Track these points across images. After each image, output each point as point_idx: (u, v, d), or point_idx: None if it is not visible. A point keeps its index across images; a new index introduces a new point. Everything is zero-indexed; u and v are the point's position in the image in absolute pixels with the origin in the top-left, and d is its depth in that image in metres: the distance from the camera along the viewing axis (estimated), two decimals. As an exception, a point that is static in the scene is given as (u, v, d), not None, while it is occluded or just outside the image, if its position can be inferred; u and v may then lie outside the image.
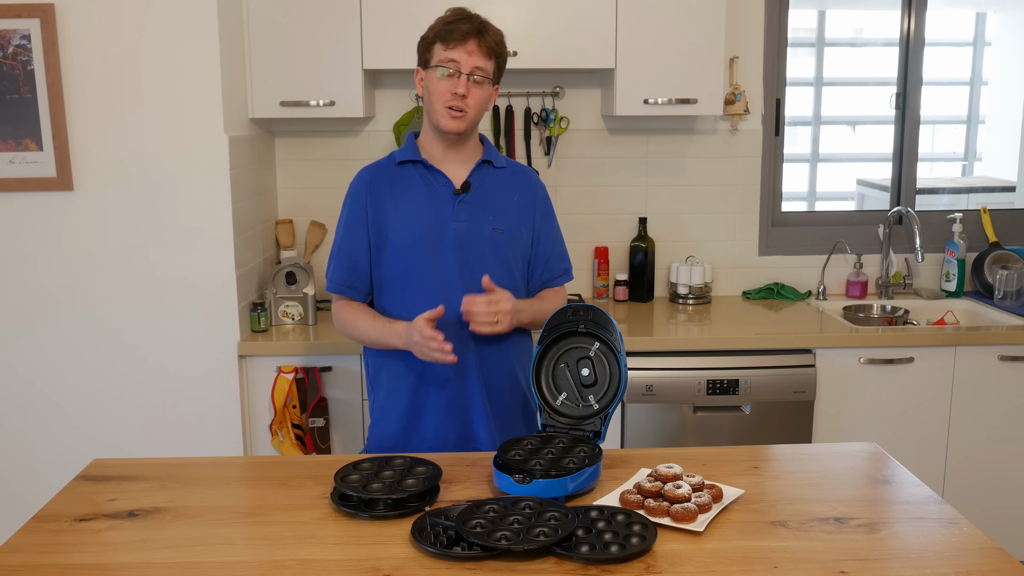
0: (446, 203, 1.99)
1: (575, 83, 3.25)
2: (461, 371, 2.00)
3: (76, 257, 2.66)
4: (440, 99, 1.93)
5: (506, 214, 2.03)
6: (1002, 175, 3.92)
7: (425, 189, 2.00)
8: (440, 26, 1.94)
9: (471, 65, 1.91)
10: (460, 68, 1.91)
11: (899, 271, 3.40)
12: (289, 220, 3.20)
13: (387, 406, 2.06)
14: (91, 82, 2.58)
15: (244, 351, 2.72)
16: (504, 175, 2.07)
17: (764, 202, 3.37)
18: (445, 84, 1.92)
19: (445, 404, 2.01)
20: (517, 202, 2.06)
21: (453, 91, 1.91)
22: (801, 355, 2.81)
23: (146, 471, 1.75)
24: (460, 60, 1.91)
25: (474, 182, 2.02)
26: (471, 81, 1.92)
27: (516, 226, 2.04)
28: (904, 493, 1.64)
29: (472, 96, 1.93)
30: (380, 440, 2.06)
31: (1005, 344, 2.85)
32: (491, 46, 1.93)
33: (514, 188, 2.07)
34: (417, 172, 2.02)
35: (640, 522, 1.47)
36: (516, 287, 2.05)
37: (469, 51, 1.91)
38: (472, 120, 1.96)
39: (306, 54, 2.84)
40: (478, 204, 2.01)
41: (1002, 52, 3.97)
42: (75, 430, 2.74)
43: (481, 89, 1.94)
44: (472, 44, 1.91)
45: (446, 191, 2.00)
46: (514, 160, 2.29)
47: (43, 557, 1.42)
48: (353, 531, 1.50)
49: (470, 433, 2.03)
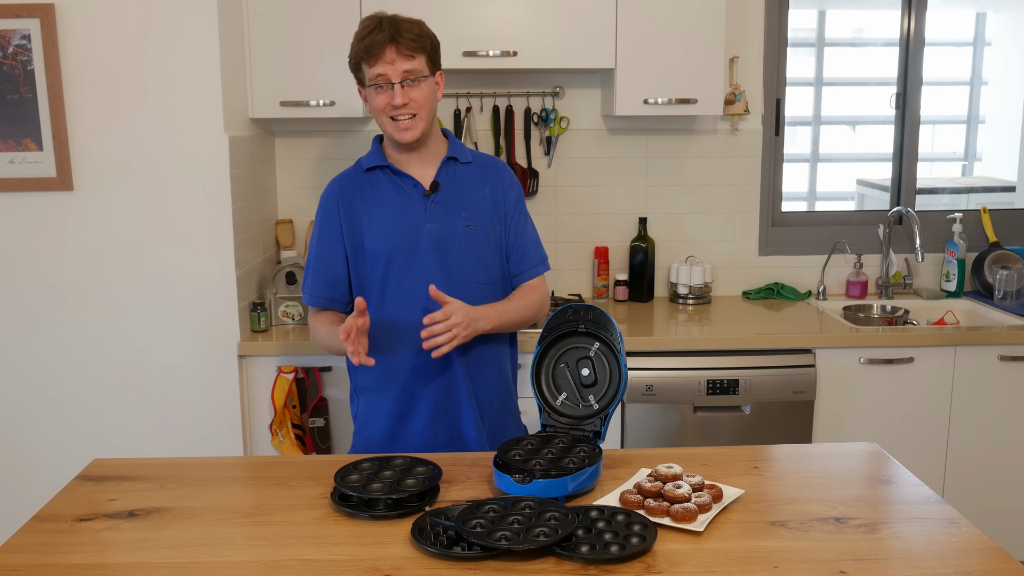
0: (417, 205, 1.99)
1: (575, 83, 3.25)
2: (448, 371, 1.99)
3: (76, 257, 2.66)
4: (383, 112, 1.94)
5: (478, 209, 2.02)
6: (1002, 175, 3.92)
7: (396, 194, 2.00)
8: (356, 45, 1.93)
9: (398, 72, 1.90)
10: (389, 79, 1.90)
11: (899, 271, 3.40)
12: (289, 220, 3.20)
13: (372, 411, 2.06)
14: (91, 82, 2.58)
15: (244, 351, 2.72)
16: (472, 170, 2.05)
17: (764, 202, 3.37)
18: (382, 98, 1.92)
19: (433, 405, 2.00)
20: (488, 195, 2.04)
21: (390, 103, 1.91)
22: (801, 355, 2.81)
23: (146, 471, 1.75)
24: (386, 72, 1.90)
25: (442, 181, 2.01)
26: (404, 87, 1.91)
27: (490, 220, 2.03)
28: (904, 493, 1.64)
29: (413, 99, 1.92)
30: (366, 445, 2.06)
31: (1005, 344, 2.85)
32: (410, 45, 1.90)
33: (484, 181, 2.05)
34: (385, 177, 2.02)
35: (640, 522, 1.47)
36: (494, 281, 2.04)
37: (390, 60, 1.89)
38: (424, 120, 1.95)
39: (306, 54, 2.84)
40: (449, 202, 2.00)
41: (1002, 52, 3.97)
42: (75, 430, 2.74)
43: (419, 88, 1.93)
44: (391, 53, 1.89)
45: (416, 193, 1.99)
46: (481, 152, 2.27)
47: (43, 557, 1.42)
48: (353, 531, 1.50)
49: (459, 433, 2.02)
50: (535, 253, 2.11)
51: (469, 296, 1.95)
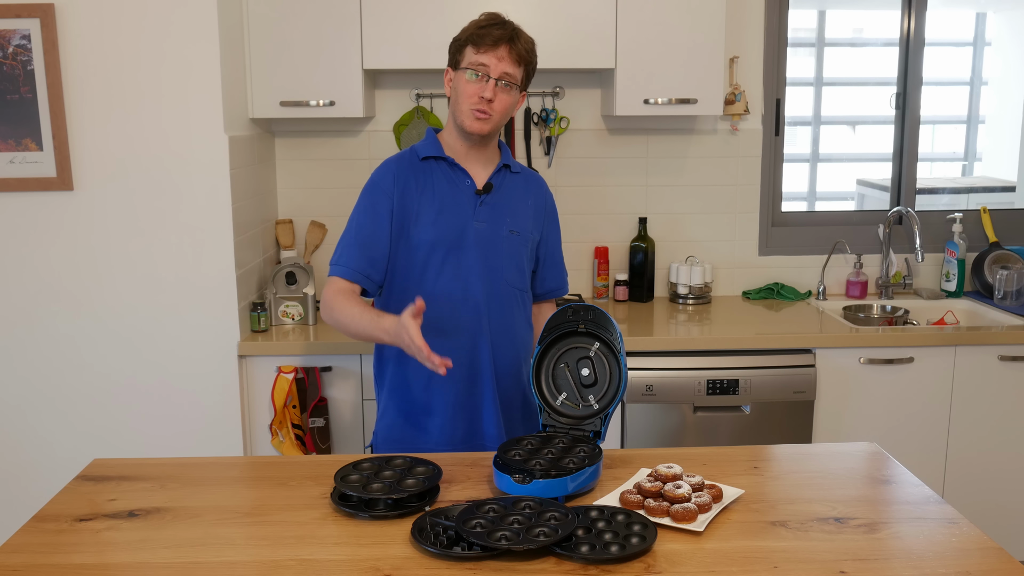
0: (468, 202, 2.01)
1: (575, 83, 3.25)
2: (475, 368, 2.02)
3: (76, 257, 2.66)
4: (467, 101, 1.95)
5: (521, 217, 2.07)
6: (1002, 175, 3.92)
7: (448, 187, 2.02)
8: (473, 29, 1.96)
9: (500, 70, 1.93)
10: (489, 72, 1.93)
11: (899, 271, 3.40)
12: (289, 220, 3.20)
13: (395, 402, 2.07)
14: (91, 82, 2.58)
15: (244, 351, 2.72)
16: (519, 180, 2.11)
17: (764, 202, 3.37)
18: (473, 87, 1.94)
19: (456, 400, 2.02)
20: (531, 206, 2.11)
21: (480, 94, 1.93)
22: (801, 355, 2.81)
23: (146, 471, 1.75)
24: (490, 65, 1.93)
25: (495, 184, 2.05)
26: (498, 86, 1.94)
27: (530, 230, 2.09)
28: (904, 493, 1.64)
29: (498, 100, 1.95)
30: (387, 432, 2.07)
31: (1005, 344, 2.85)
32: (521, 53, 1.95)
33: (528, 193, 2.11)
34: (440, 169, 2.03)
35: (640, 522, 1.47)
36: (524, 288, 2.11)
37: (499, 56, 1.93)
38: (496, 123, 1.98)
39: (306, 54, 2.84)
40: (497, 206, 2.04)
41: (1002, 52, 3.97)
42: (75, 430, 2.74)
43: (508, 94, 1.96)
44: (503, 50, 1.93)
45: (468, 190, 2.02)
46: (527, 167, 2.36)
47: (43, 557, 1.42)
48: (353, 531, 1.50)
49: (479, 428, 2.04)
50: (562, 275, 2.25)
51: (503, 297, 2.03)
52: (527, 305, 2.13)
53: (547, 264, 2.18)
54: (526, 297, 2.12)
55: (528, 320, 2.14)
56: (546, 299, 2.23)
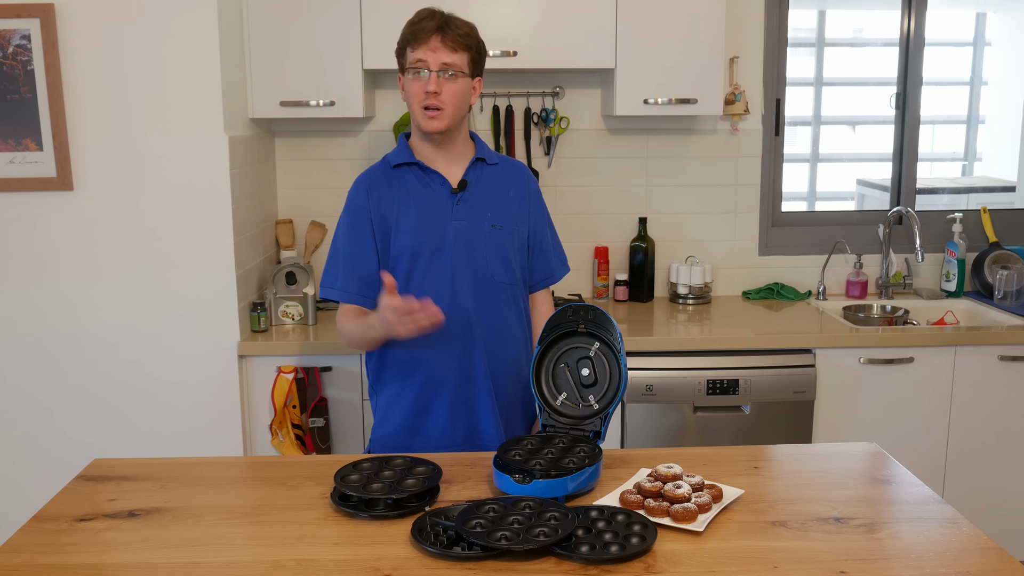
0: (445, 203, 2.00)
1: (575, 83, 3.25)
2: (468, 368, 2.01)
3: (76, 257, 2.66)
4: (415, 100, 1.95)
5: (503, 210, 2.05)
6: (1002, 175, 3.92)
7: (423, 191, 2.01)
8: (406, 30, 1.96)
9: (438, 61, 1.92)
10: (428, 66, 1.92)
11: (899, 271, 3.40)
12: (289, 220, 3.20)
13: (391, 406, 2.06)
14: (91, 82, 2.58)
15: (244, 351, 2.72)
16: (498, 171, 2.08)
17: (764, 202, 3.37)
18: (417, 85, 1.93)
19: (452, 402, 2.01)
20: (513, 197, 2.07)
21: (425, 90, 1.92)
22: (801, 355, 2.81)
23: (146, 471, 1.75)
24: (427, 59, 1.92)
25: (470, 180, 2.03)
26: (440, 77, 1.92)
27: (514, 221, 2.06)
28: (904, 493, 1.64)
29: (445, 92, 1.93)
30: (385, 440, 2.06)
31: (1005, 344, 2.85)
32: (456, 39, 1.93)
33: (509, 183, 2.08)
34: (413, 174, 2.02)
35: (640, 522, 1.47)
36: (514, 282, 2.07)
37: (433, 48, 1.91)
38: (451, 116, 1.95)
39: (306, 54, 2.84)
40: (476, 202, 2.02)
41: (1002, 52, 3.97)
42: (75, 430, 2.74)
43: (454, 84, 1.94)
44: (435, 41, 1.91)
45: (443, 191, 2.01)
46: (505, 155, 2.31)
47: (43, 557, 1.42)
48: (353, 531, 1.50)
49: (476, 429, 2.03)
50: (559, 256, 2.20)
51: (491, 294, 2.01)
52: (519, 299, 2.09)
53: (536, 253, 2.14)
54: (517, 291, 2.08)
55: (521, 314, 2.10)
56: (538, 289, 2.18)
